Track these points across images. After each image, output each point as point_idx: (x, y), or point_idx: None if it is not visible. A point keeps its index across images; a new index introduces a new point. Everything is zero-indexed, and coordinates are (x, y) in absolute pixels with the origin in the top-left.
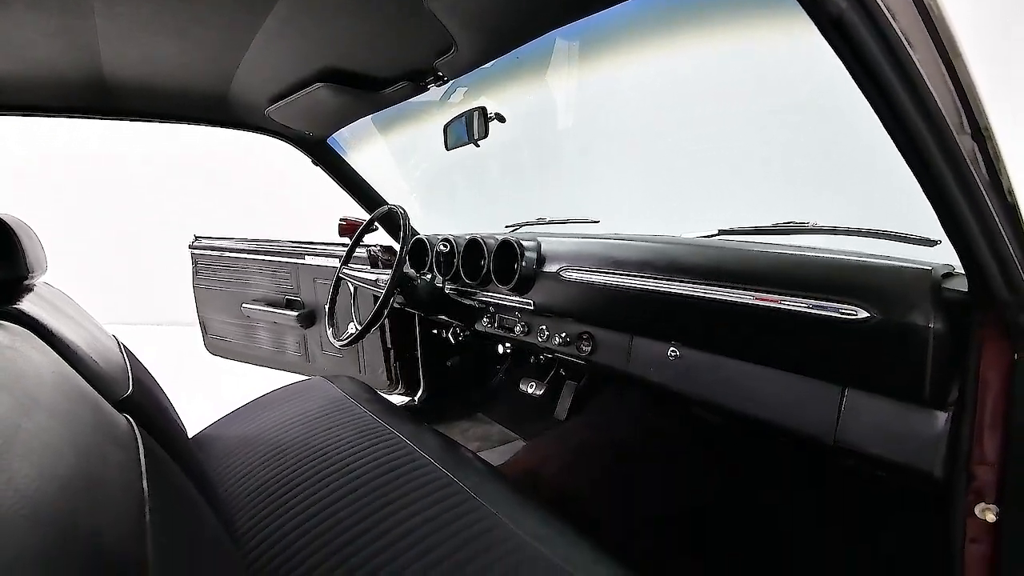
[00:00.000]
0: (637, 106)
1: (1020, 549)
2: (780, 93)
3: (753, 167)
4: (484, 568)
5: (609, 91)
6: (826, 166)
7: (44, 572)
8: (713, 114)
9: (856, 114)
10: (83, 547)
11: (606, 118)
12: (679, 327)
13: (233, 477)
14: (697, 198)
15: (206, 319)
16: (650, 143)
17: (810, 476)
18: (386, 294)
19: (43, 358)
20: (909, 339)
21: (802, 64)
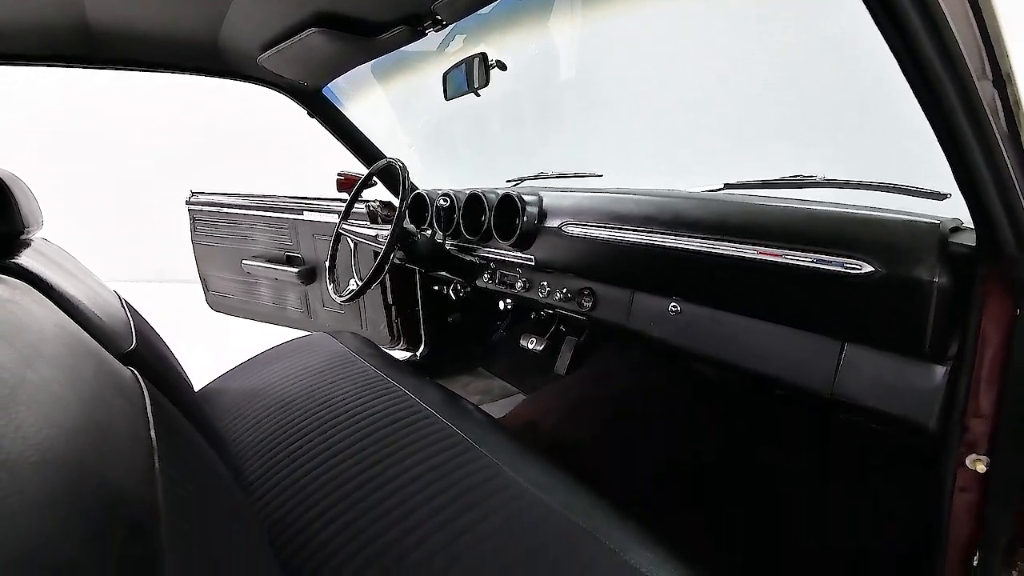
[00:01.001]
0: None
1: (1005, 496)
2: (791, 40)
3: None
4: (486, 513)
5: (615, 38)
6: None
7: (55, 518)
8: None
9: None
10: (93, 493)
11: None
12: (681, 282)
13: (240, 429)
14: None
15: (207, 276)
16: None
17: (807, 431)
18: (386, 250)
19: (44, 311)
20: (912, 294)
21: (815, 7)
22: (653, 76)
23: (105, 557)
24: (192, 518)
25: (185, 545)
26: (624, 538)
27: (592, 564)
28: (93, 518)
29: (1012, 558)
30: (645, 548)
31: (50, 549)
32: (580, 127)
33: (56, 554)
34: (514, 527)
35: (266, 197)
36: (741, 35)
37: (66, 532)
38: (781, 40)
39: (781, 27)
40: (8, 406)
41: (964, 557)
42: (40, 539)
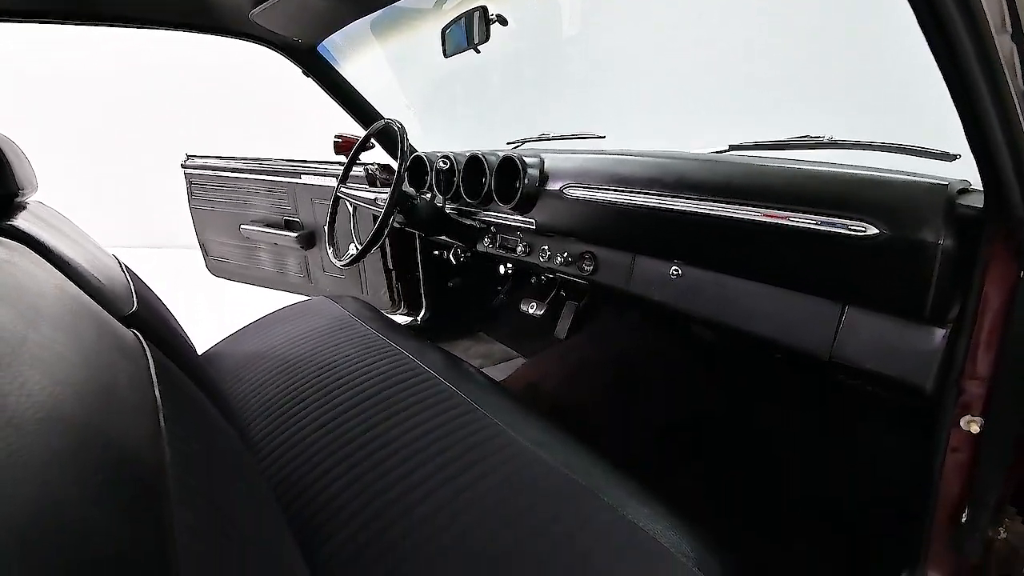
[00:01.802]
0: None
1: (997, 457)
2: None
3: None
4: (487, 471)
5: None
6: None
7: (63, 473)
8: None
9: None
10: (100, 449)
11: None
12: (683, 245)
13: (244, 391)
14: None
15: (206, 241)
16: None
17: (805, 393)
18: (385, 213)
19: (43, 273)
20: (916, 256)
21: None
22: (658, 34)
23: (115, 511)
24: (199, 474)
25: (193, 499)
26: (622, 494)
27: (590, 519)
28: (101, 473)
29: (999, 516)
30: (642, 504)
31: (60, 503)
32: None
33: (66, 508)
34: (515, 483)
35: (263, 160)
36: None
37: (75, 487)
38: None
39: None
40: (11, 364)
41: (953, 514)
42: (50, 494)
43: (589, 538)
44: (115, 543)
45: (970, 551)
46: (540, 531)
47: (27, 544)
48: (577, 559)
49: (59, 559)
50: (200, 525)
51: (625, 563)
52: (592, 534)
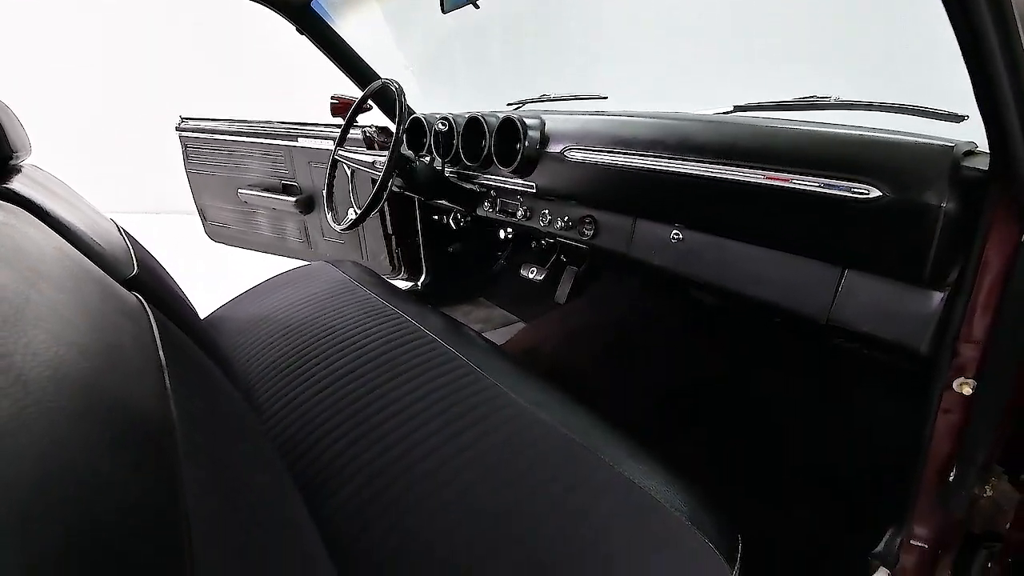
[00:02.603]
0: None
1: (987, 418)
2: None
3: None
4: (488, 430)
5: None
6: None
7: (73, 427)
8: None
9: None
10: (108, 406)
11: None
12: (685, 209)
13: (247, 355)
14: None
15: (204, 206)
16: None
17: (802, 356)
18: (384, 176)
19: (42, 235)
20: (918, 219)
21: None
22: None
23: (124, 466)
24: (205, 432)
25: (200, 456)
26: (619, 453)
27: (588, 476)
28: (109, 430)
29: (986, 475)
30: (638, 461)
31: (70, 458)
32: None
33: (77, 463)
34: (515, 442)
35: (259, 123)
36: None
37: (85, 442)
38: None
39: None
40: (16, 324)
41: (941, 473)
42: (60, 449)
43: (586, 494)
44: (125, 496)
45: (955, 508)
46: (538, 487)
47: (41, 497)
48: (574, 514)
49: (73, 511)
50: (208, 480)
51: (621, 518)
52: (589, 490)
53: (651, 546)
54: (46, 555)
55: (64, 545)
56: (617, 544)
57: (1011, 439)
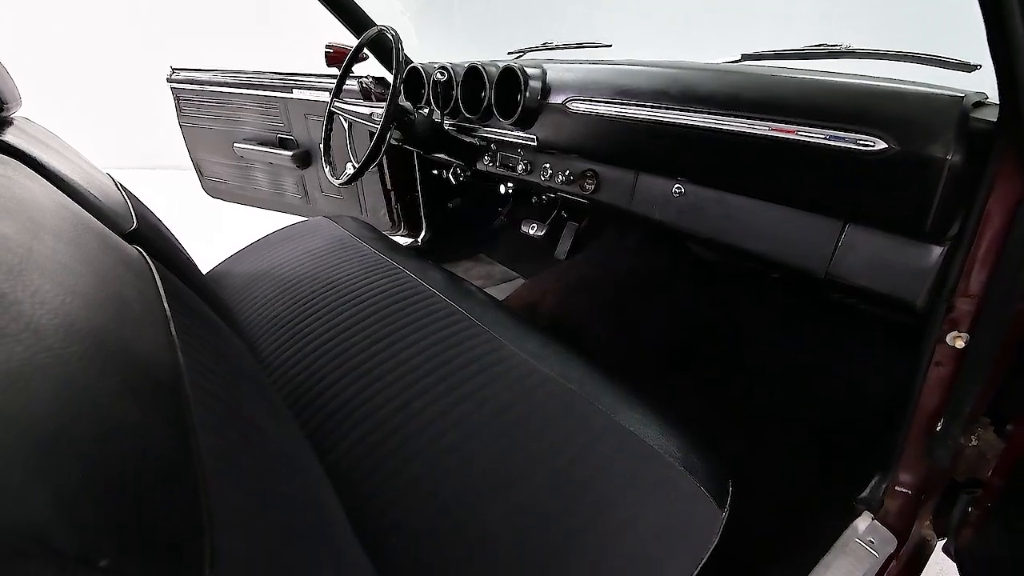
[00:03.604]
0: None
1: (977, 371)
2: None
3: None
4: (487, 381)
5: None
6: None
7: (85, 371)
8: None
9: None
10: (117, 354)
11: None
12: (687, 162)
13: (250, 309)
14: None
15: (199, 160)
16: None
17: (798, 311)
18: (382, 129)
19: (39, 188)
20: (923, 172)
21: None
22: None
23: (136, 409)
24: (213, 380)
25: (210, 402)
26: (614, 401)
27: (585, 424)
28: (120, 375)
29: (972, 426)
30: (634, 410)
31: (82, 402)
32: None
33: (89, 407)
34: (514, 392)
35: (251, 73)
36: None
37: (96, 387)
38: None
39: None
40: (22, 273)
41: (928, 424)
42: (72, 393)
43: (582, 440)
44: (139, 439)
45: (941, 457)
46: (536, 435)
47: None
48: (570, 460)
49: (90, 449)
50: (218, 425)
51: (616, 463)
52: (585, 437)
53: (645, 490)
54: (70, 485)
55: (86, 477)
56: (612, 487)
57: (998, 391)
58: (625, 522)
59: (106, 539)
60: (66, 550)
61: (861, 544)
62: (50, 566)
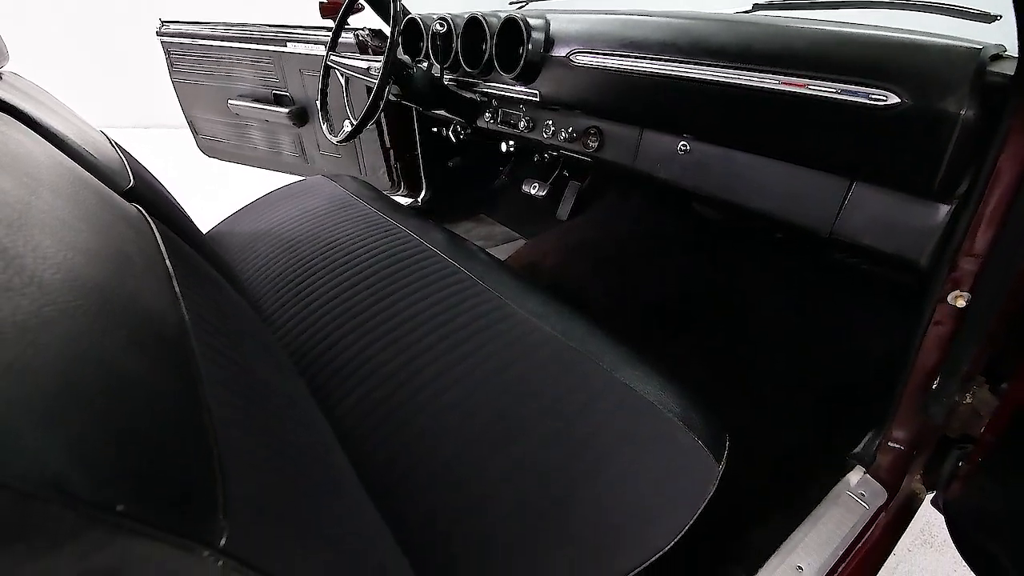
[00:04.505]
0: None
1: (976, 330)
2: None
3: None
4: (490, 339)
5: None
6: None
7: (92, 324)
8: None
9: None
10: (122, 309)
11: None
12: (694, 117)
13: (251, 268)
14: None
15: (194, 118)
16: None
17: (800, 272)
18: (379, 84)
19: (33, 143)
20: (935, 128)
21: None
22: None
23: (144, 361)
24: (218, 336)
25: (216, 357)
26: (615, 359)
27: (584, 380)
28: (126, 328)
29: (967, 385)
30: (634, 368)
31: (92, 352)
32: None
33: (97, 359)
34: (516, 349)
35: (243, 26)
36: None
37: (104, 339)
38: None
39: None
40: (21, 228)
41: (925, 382)
42: (80, 344)
43: (583, 396)
44: (148, 390)
45: (935, 414)
46: (538, 392)
47: (69, 388)
48: (571, 415)
49: (101, 400)
50: (225, 378)
51: (616, 418)
52: (586, 393)
53: (644, 444)
54: (83, 434)
55: (98, 426)
56: (612, 442)
57: (996, 350)
58: (624, 474)
59: (121, 485)
60: (82, 495)
61: (852, 496)
62: (67, 510)
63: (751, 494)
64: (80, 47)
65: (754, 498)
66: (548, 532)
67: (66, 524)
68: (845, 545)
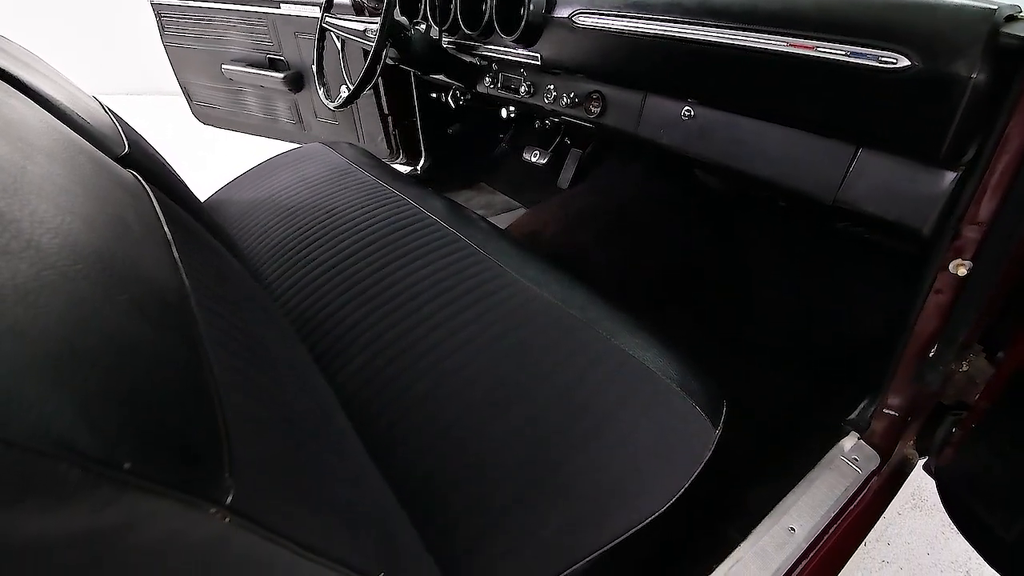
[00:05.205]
0: None
1: (976, 299)
2: None
3: None
4: (490, 307)
5: None
6: None
7: (92, 289)
8: None
9: None
10: (122, 272)
11: None
12: (699, 81)
13: (250, 237)
14: None
15: (188, 84)
16: None
17: (800, 241)
18: (376, 47)
19: (24, 107)
20: (944, 92)
21: None
22: None
23: (145, 323)
24: (219, 301)
25: (217, 321)
26: (615, 327)
27: (584, 346)
28: (127, 292)
29: (964, 353)
30: (633, 335)
31: (94, 315)
32: None
33: (99, 321)
34: (516, 317)
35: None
36: None
37: (105, 302)
38: None
39: None
40: (17, 192)
41: (922, 350)
42: (81, 307)
43: (582, 362)
44: (151, 353)
45: (931, 381)
46: (537, 357)
47: (72, 349)
48: (570, 381)
49: (102, 365)
50: (228, 342)
51: (614, 384)
52: (586, 360)
53: (642, 409)
54: (88, 393)
55: (103, 387)
56: (610, 407)
57: (993, 319)
58: (622, 438)
59: (128, 443)
60: (90, 452)
61: (846, 461)
62: (75, 467)
63: (747, 458)
64: (70, 10)
65: (750, 462)
66: (545, 493)
67: (74, 481)
68: (837, 507)
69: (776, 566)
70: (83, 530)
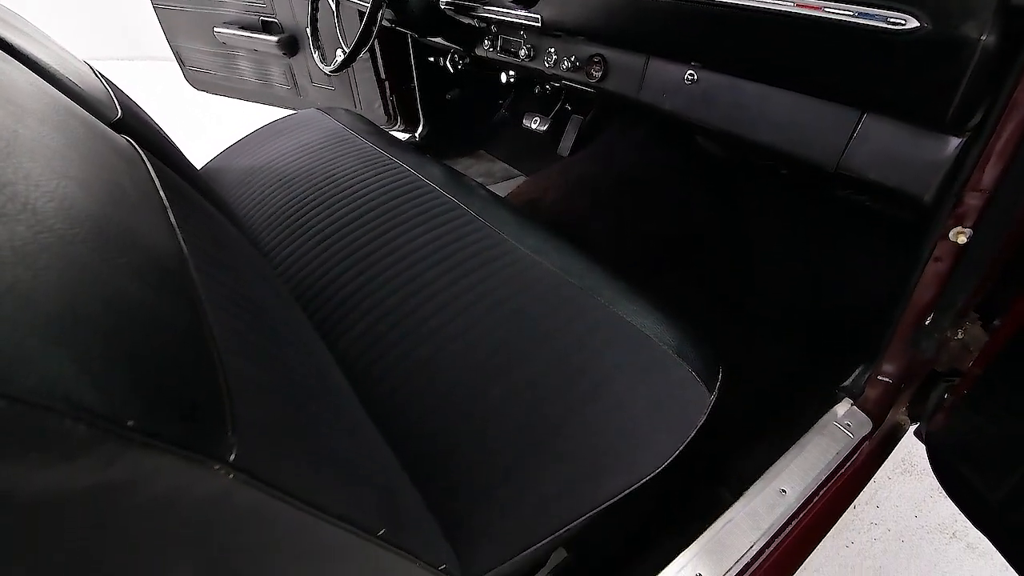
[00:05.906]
0: None
1: (975, 266)
2: None
3: None
4: (489, 274)
5: None
6: None
7: (91, 252)
8: None
9: None
10: (119, 236)
11: None
12: (703, 43)
13: (248, 204)
14: None
15: (179, 48)
16: None
17: (800, 209)
18: (371, 8)
19: (14, 70)
20: (953, 54)
21: None
22: None
23: (145, 286)
24: (217, 265)
25: (215, 285)
26: (614, 294)
27: (583, 313)
28: (125, 256)
29: (960, 321)
30: (631, 302)
31: (93, 277)
32: None
33: (98, 283)
34: (515, 283)
35: None
36: None
37: (103, 264)
38: None
39: None
40: (10, 155)
41: (918, 318)
42: (80, 270)
43: (580, 328)
44: (151, 314)
45: (926, 349)
46: (536, 323)
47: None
48: (568, 346)
49: (102, 325)
50: (228, 306)
51: (612, 349)
52: (584, 325)
53: (639, 374)
54: (90, 351)
55: (104, 345)
56: (607, 371)
57: (991, 287)
58: (619, 402)
59: (131, 401)
60: (95, 408)
61: (838, 426)
62: (79, 423)
63: (741, 423)
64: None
65: (744, 426)
66: (544, 454)
67: (80, 436)
68: (828, 471)
69: (767, 526)
70: (88, 486)
